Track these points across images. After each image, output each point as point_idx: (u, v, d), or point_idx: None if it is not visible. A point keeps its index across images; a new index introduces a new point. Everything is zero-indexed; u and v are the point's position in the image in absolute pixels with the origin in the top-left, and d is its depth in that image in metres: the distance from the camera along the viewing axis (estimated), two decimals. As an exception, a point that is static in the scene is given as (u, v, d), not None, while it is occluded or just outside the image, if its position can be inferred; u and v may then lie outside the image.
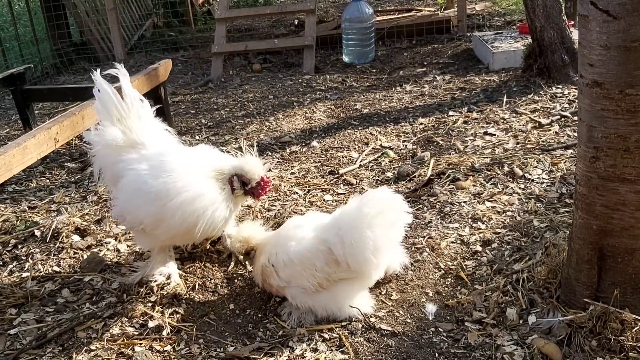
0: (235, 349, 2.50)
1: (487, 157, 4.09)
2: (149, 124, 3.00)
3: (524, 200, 3.49)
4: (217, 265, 3.13)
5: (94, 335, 2.63)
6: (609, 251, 2.30)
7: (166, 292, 2.89)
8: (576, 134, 4.14)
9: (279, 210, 3.67)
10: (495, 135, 4.54)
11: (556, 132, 4.46)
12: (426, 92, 5.86)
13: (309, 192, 3.92)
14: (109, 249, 3.36)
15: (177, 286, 2.93)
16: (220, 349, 2.51)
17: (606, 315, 2.28)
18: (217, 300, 2.87)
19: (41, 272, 3.17)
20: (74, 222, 3.56)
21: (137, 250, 3.29)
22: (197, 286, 2.96)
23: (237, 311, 2.78)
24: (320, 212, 3.54)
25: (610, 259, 2.30)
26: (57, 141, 3.77)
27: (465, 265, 2.96)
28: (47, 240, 3.42)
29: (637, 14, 1.94)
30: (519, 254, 2.95)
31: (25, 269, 3.21)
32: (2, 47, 7.98)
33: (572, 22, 6.23)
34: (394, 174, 4.07)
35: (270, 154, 4.65)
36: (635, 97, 2.03)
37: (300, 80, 6.71)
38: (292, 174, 4.24)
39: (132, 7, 9.37)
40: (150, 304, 2.81)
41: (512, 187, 3.65)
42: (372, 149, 4.57)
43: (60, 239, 3.41)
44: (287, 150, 4.71)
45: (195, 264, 3.14)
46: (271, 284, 2.67)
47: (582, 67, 2.17)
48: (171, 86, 6.86)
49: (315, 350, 2.45)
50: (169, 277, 2.96)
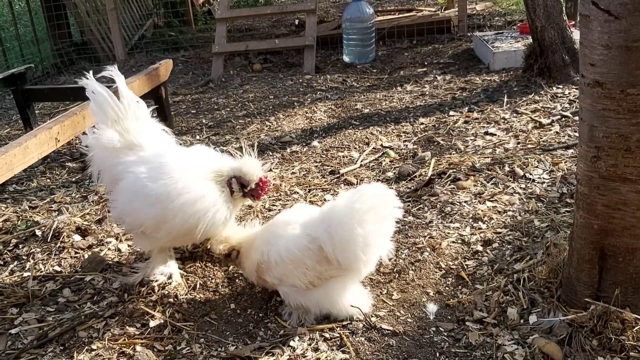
0: (236, 348, 2.50)
1: (487, 157, 4.09)
2: (146, 124, 2.97)
3: (525, 200, 3.49)
4: (218, 264, 3.13)
5: (95, 334, 2.64)
6: (610, 251, 2.30)
7: (167, 292, 2.89)
8: (577, 134, 4.15)
9: (279, 210, 3.66)
10: (496, 135, 4.54)
11: (557, 132, 4.46)
12: (427, 92, 5.86)
13: (309, 192, 3.92)
14: (110, 249, 3.37)
15: (178, 286, 2.93)
16: (221, 349, 2.51)
17: (607, 314, 2.28)
18: (218, 299, 2.87)
19: (42, 271, 3.17)
20: (75, 222, 3.56)
21: (138, 250, 3.29)
22: (198, 286, 2.96)
23: (238, 311, 2.78)
24: (309, 205, 3.55)
25: (611, 258, 2.31)
26: (58, 141, 3.77)
27: (466, 264, 2.96)
28: (48, 240, 3.43)
29: (639, 14, 1.94)
30: (520, 254, 2.95)
31: (26, 269, 3.21)
32: (3, 47, 7.98)
33: (573, 22, 6.24)
34: (394, 173, 4.07)
35: (271, 154, 4.65)
36: (636, 96, 2.03)
37: (300, 80, 6.71)
38: (292, 173, 4.24)
39: (132, 7, 9.37)
40: (151, 304, 2.81)
41: (512, 187, 3.65)
42: (373, 148, 4.57)
43: (61, 239, 3.42)
44: (288, 150, 4.71)
45: (196, 263, 3.15)
46: (266, 280, 2.67)
47: (584, 67, 2.17)
48: (172, 86, 6.86)
49: (316, 349, 2.46)
50: (170, 277, 2.96)
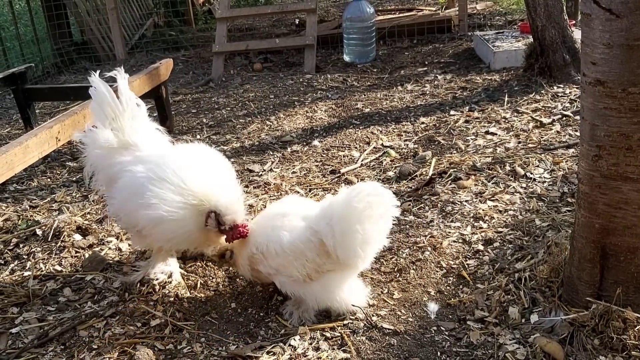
0: (237, 347, 2.50)
1: (488, 157, 4.09)
2: (142, 124, 2.99)
3: (526, 199, 3.49)
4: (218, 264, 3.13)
5: (95, 334, 2.63)
6: (612, 250, 2.29)
7: (168, 291, 2.89)
8: (577, 133, 4.15)
9: (280, 209, 3.66)
10: (496, 134, 4.54)
11: (557, 131, 4.45)
12: (427, 92, 5.85)
13: (310, 191, 3.92)
14: (110, 248, 3.36)
15: (178, 285, 2.93)
16: (222, 348, 2.51)
17: (608, 313, 2.28)
18: (219, 299, 2.87)
19: (43, 271, 3.17)
20: (75, 221, 3.56)
21: (139, 249, 3.29)
22: (198, 285, 2.96)
23: (238, 310, 2.78)
24: (298, 196, 3.56)
25: (612, 257, 2.30)
26: (59, 140, 3.77)
27: (467, 264, 2.96)
28: (49, 239, 3.42)
29: (640, 12, 1.94)
30: (521, 253, 2.94)
31: (26, 268, 3.21)
32: (3, 46, 7.99)
33: (574, 22, 6.24)
34: (395, 173, 4.07)
35: (271, 153, 4.65)
36: (638, 95, 2.03)
37: (301, 79, 6.71)
38: (293, 173, 4.24)
39: (132, 7, 9.37)
40: (152, 303, 2.81)
41: (513, 186, 3.65)
42: (374, 148, 4.56)
43: (61, 238, 3.41)
44: (289, 149, 4.71)
45: (196, 262, 3.14)
46: (259, 271, 2.67)
47: (585, 66, 2.16)
48: (172, 85, 6.86)
49: (317, 349, 2.45)
50: (170, 276, 2.96)
